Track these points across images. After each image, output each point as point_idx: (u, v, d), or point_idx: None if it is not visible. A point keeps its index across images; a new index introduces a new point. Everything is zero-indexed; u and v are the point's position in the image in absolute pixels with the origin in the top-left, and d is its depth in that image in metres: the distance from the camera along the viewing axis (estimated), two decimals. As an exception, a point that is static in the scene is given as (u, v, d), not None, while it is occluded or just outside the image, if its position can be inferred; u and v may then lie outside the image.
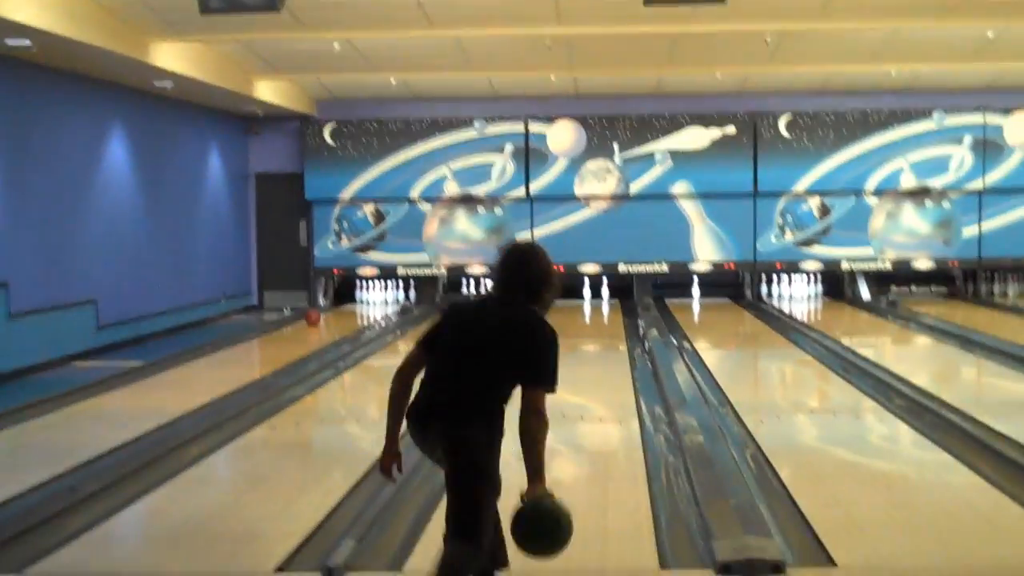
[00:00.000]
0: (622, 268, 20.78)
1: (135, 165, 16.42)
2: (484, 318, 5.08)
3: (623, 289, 20.96)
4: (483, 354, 4.97)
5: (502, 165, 20.53)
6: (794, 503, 6.96)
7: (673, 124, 20.44)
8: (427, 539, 6.27)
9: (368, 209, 20.77)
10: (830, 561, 5.87)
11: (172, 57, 14.71)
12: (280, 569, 5.88)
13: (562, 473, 8.24)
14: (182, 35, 14.34)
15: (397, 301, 21.06)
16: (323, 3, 13.22)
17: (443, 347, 5.06)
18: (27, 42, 12.05)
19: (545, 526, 4.90)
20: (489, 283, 20.99)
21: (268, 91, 18.55)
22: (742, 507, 6.69)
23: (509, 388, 5.01)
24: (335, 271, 21.00)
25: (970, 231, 20.55)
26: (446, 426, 4.90)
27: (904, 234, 20.61)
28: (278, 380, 12.37)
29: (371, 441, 9.20)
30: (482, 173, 20.58)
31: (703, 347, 14.98)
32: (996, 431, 8.88)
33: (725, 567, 5.58)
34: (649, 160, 20.46)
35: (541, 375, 4.97)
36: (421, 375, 5.13)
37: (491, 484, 5.03)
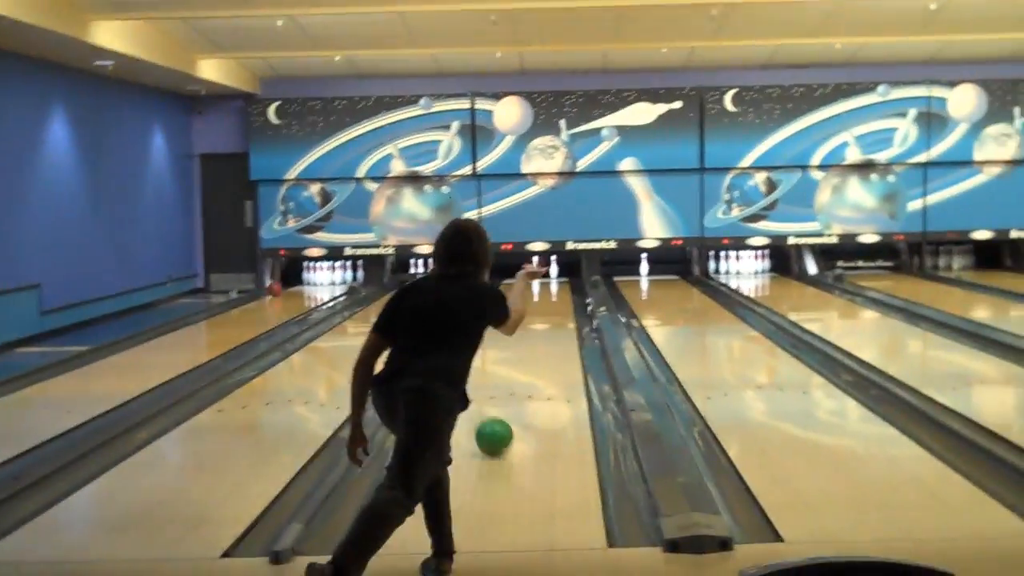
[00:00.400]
0: (570, 246, 20.79)
1: (77, 146, 16.24)
2: (442, 292, 5.41)
3: (571, 267, 20.98)
4: (448, 324, 5.33)
5: (448, 143, 20.48)
6: (742, 480, 6.99)
7: (620, 100, 20.45)
8: (376, 521, 6.25)
9: (314, 189, 20.66)
10: (777, 537, 5.90)
11: (113, 35, 14.56)
12: (227, 554, 5.85)
13: (511, 453, 8.25)
14: (123, 13, 14.20)
15: (345, 281, 20.98)
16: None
17: (405, 330, 5.35)
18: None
19: None
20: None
21: (211, 70, 18.40)
22: (690, 484, 6.72)
23: (473, 352, 5.42)
24: (281, 252, 20.88)
25: (915, 205, 20.70)
26: (416, 381, 5.19)
27: (850, 208, 20.73)
28: (226, 363, 12.30)
29: (320, 423, 9.18)
30: (428, 151, 20.52)
31: (651, 324, 15.02)
32: (941, 404, 8.96)
33: (673, 544, 5.59)
34: (596, 136, 20.47)
35: (506, 309, 5.53)
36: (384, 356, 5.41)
37: (437, 448, 5.26)
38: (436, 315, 5.34)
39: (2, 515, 6.68)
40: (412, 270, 21.20)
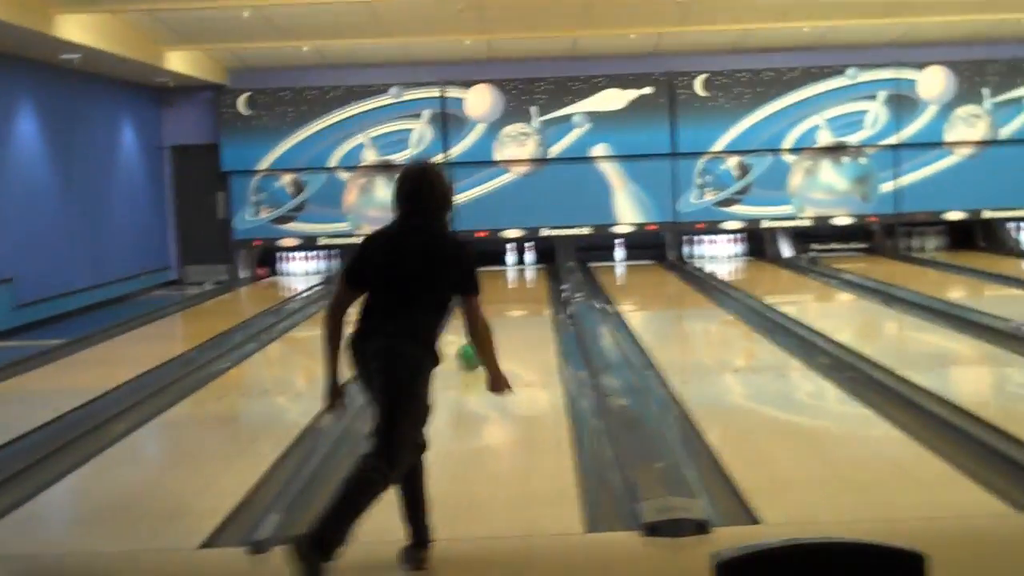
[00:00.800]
0: (544, 232, 20.80)
1: (46, 141, 16.16)
2: (409, 246, 5.27)
3: (546, 253, 20.98)
4: (418, 281, 5.22)
5: (420, 131, 20.46)
6: (719, 463, 7.01)
7: (590, 86, 20.46)
8: (354, 510, 6.25)
9: (286, 179, 20.61)
10: (755, 519, 5.91)
11: (78, 28, 14.48)
12: (205, 545, 5.83)
13: (488, 438, 8.26)
14: (88, 6, 14.12)
15: (319, 271, 20.94)
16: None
17: (376, 280, 5.26)
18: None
19: None
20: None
21: (179, 61, 18.33)
22: (667, 469, 6.73)
23: (444, 310, 5.32)
24: (255, 243, 20.82)
25: (887, 186, 20.77)
26: (384, 342, 5.13)
27: (823, 191, 20.80)
28: (202, 354, 12.27)
29: (297, 413, 9.16)
30: (400, 140, 20.49)
31: (627, 309, 15.03)
32: (917, 385, 9.00)
33: (651, 528, 5.60)
34: (567, 123, 20.47)
35: (475, 284, 5.36)
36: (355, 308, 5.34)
37: (415, 410, 5.21)
38: (402, 272, 5.22)
39: (-22, 511, 6.66)
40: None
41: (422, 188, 5.32)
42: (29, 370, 11.76)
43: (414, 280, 5.22)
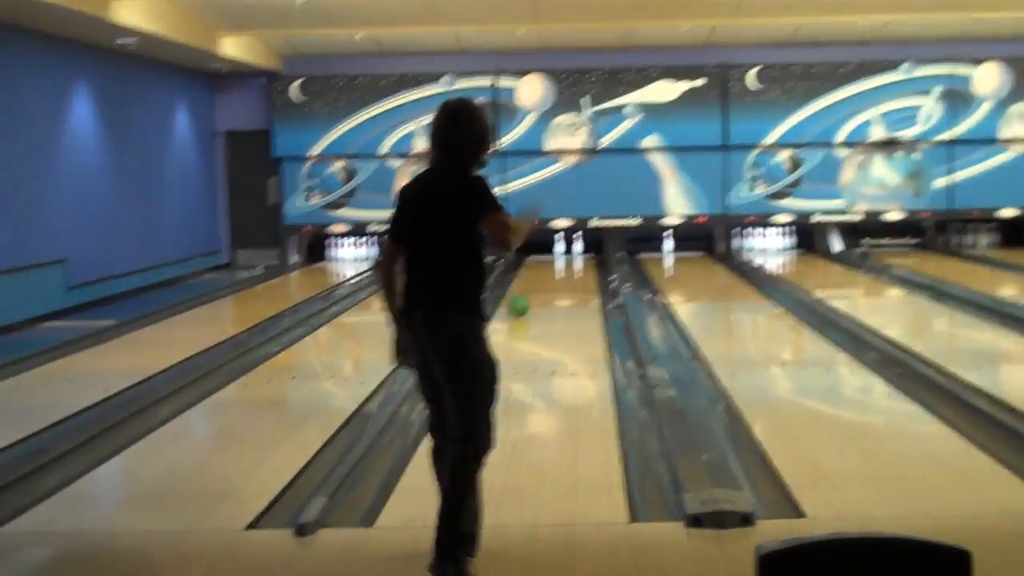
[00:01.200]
0: (594, 223, 20.77)
1: (101, 124, 16.30)
2: (437, 193, 5.10)
3: (595, 244, 20.95)
4: (446, 229, 5.05)
5: (472, 120, 20.42)
6: (765, 456, 6.99)
7: (642, 77, 20.41)
8: (399, 495, 6.29)
9: (337, 166, 20.69)
10: (799, 513, 5.90)
11: (134, 13, 14.59)
12: (251, 527, 5.88)
13: (535, 427, 8.28)
14: (145, -9, 14.23)
15: (369, 257, 21.01)
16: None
17: (409, 232, 5.12)
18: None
19: None
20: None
21: (233, 47, 18.42)
22: (713, 461, 6.72)
23: (479, 256, 5.13)
24: (306, 228, 20.92)
25: (940, 182, 20.61)
26: (428, 315, 5.02)
27: (875, 186, 20.66)
28: (251, 338, 12.35)
29: (345, 397, 9.21)
30: (452, 128, 20.46)
31: (675, 301, 15.01)
32: (966, 381, 8.94)
33: (694, 519, 5.60)
34: (619, 114, 20.43)
35: (492, 203, 5.09)
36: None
37: (483, 377, 5.05)
38: (431, 223, 5.07)
39: (28, 488, 6.74)
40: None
41: (458, 122, 5.15)
42: (80, 350, 11.88)
43: (443, 229, 5.06)
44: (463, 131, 5.12)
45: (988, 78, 20.34)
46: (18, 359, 11.09)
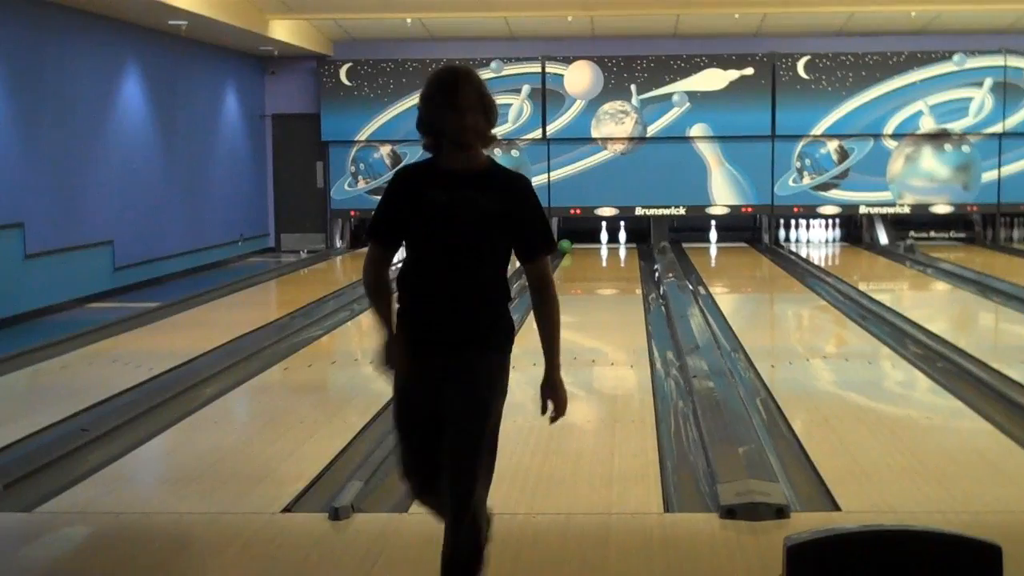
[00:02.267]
0: (639, 211, 20.73)
1: (150, 105, 16.40)
2: (455, 185, 4.19)
3: (640, 232, 20.91)
4: (471, 234, 4.18)
5: (519, 106, 20.46)
6: (803, 449, 6.97)
7: (691, 65, 20.33)
8: (435, 481, 6.31)
9: (385, 151, 20.74)
10: (835, 506, 5.88)
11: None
12: (287, 510, 5.92)
13: (572, 416, 8.26)
14: (197, -26, 14.30)
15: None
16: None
17: (414, 237, 4.25)
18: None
19: None
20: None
21: (284, 30, 18.49)
22: (750, 453, 6.70)
23: (504, 269, 4.31)
24: (352, 213, 20.97)
25: (989, 175, 20.43)
26: (453, 349, 4.22)
27: (923, 178, 20.50)
28: (294, 321, 12.42)
29: (384, 383, 9.21)
30: (499, 114, 20.46)
31: (718, 291, 14.96)
32: (1009, 378, 8.87)
33: (729, 511, 5.59)
34: (667, 102, 20.37)
35: (542, 237, 4.31)
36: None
37: (494, 444, 4.26)
38: (458, 227, 4.17)
39: (70, 466, 6.82)
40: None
41: (481, 91, 4.25)
42: (125, 331, 11.97)
43: (479, 238, 4.19)
44: (477, 99, 4.21)
45: (1041, 71, 20.14)
46: (64, 339, 11.20)
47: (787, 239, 21.06)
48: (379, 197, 4.37)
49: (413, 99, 20.12)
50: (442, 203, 4.19)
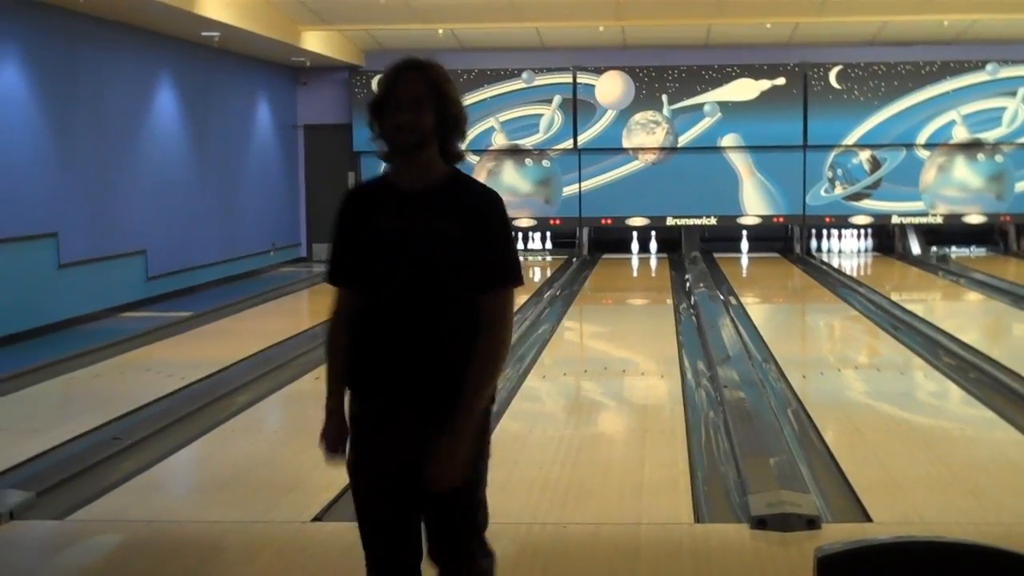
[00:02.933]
0: (670, 221, 20.70)
1: (183, 115, 16.49)
2: (406, 206, 3.53)
3: (671, 242, 20.87)
4: (430, 264, 3.50)
5: (550, 116, 20.48)
6: (834, 459, 6.95)
7: (722, 75, 20.30)
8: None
9: (416, 160, 20.75)
10: (867, 517, 5.86)
11: (220, 7, 14.74)
12: (318, 519, 5.93)
13: (603, 425, 8.28)
14: (229, -15, 14.37)
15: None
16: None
17: (363, 268, 3.59)
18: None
19: None
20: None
21: (316, 41, 18.56)
22: (781, 463, 6.68)
23: (468, 305, 3.51)
24: (383, 222, 20.98)
25: (1022, 185, 20.30)
26: (416, 423, 3.51)
27: (956, 188, 20.40)
28: (326, 331, 12.42)
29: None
30: (530, 124, 20.53)
31: (750, 302, 14.92)
32: (1042, 389, 8.82)
33: (760, 521, 5.58)
34: (698, 112, 20.34)
35: (502, 265, 3.56)
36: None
37: (482, 516, 3.67)
38: (400, 255, 3.52)
39: (102, 474, 6.85)
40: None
41: (444, 91, 3.59)
42: (157, 340, 12.04)
43: (422, 269, 3.50)
44: (441, 98, 3.58)
45: (1075, 80, 20.03)
46: (98, 348, 11.27)
47: (819, 249, 20.98)
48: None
49: (444, 109, 20.35)
50: (390, 231, 3.50)
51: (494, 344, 3.51)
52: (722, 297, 14.71)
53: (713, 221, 20.66)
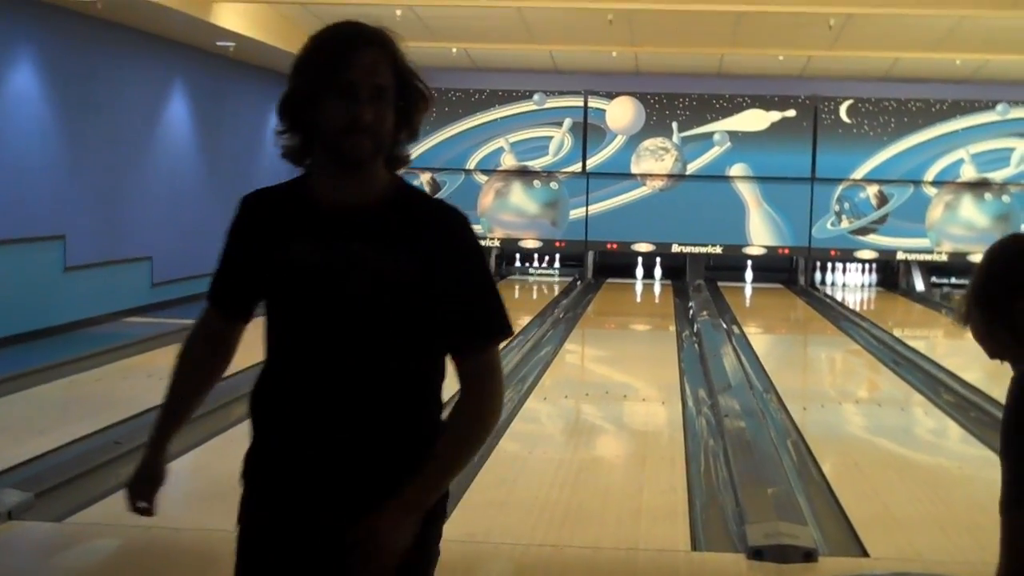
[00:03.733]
0: (675, 248, 20.71)
1: (195, 124, 16.53)
2: (335, 229, 2.60)
3: (676, 269, 20.88)
4: (358, 311, 2.56)
5: (560, 139, 20.52)
6: (833, 493, 6.96)
7: (733, 105, 20.35)
8: (463, 508, 6.32)
9: (424, 178, 20.79)
10: (864, 552, 5.86)
11: (235, 17, 14.80)
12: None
13: (603, 450, 8.29)
14: (245, -3, 14.43)
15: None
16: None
17: (276, 320, 2.75)
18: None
19: None
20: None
21: (330, 56, 18.59)
22: (779, 494, 6.69)
23: (429, 362, 2.64)
24: (390, 238, 20.94)
25: (1029, 226, 20.36)
26: (332, 512, 2.63)
27: (962, 226, 20.42)
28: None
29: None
30: (540, 146, 20.57)
31: (752, 332, 14.94)
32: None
33: (756, 552, 5.58)
34: (707, 140, 20.38)
35: (485, 315, 2.61)
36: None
37: None
38: (337, 295, 2.59)
39: (101, 478, 6.86)
40: (517, 263, 21.19)
41: (359, 57, 2.60)
42: (161, 346, 12.02)
43: (359, 320, 2.57)
44: (412, 88, 2.69)
45: (1085, 124, 20.06)
46: (101, 352, 11.28)
47: (823, 282, 20.98)
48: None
49: (455, 128, 20.43)
50: (308, 265, 2.56)
51: (478, 417, 2.58)
52: (725, 326, 14.72)
53: (719, 250, 20.67)
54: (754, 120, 20.33)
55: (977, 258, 12.30)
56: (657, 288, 20.40)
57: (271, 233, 2.66)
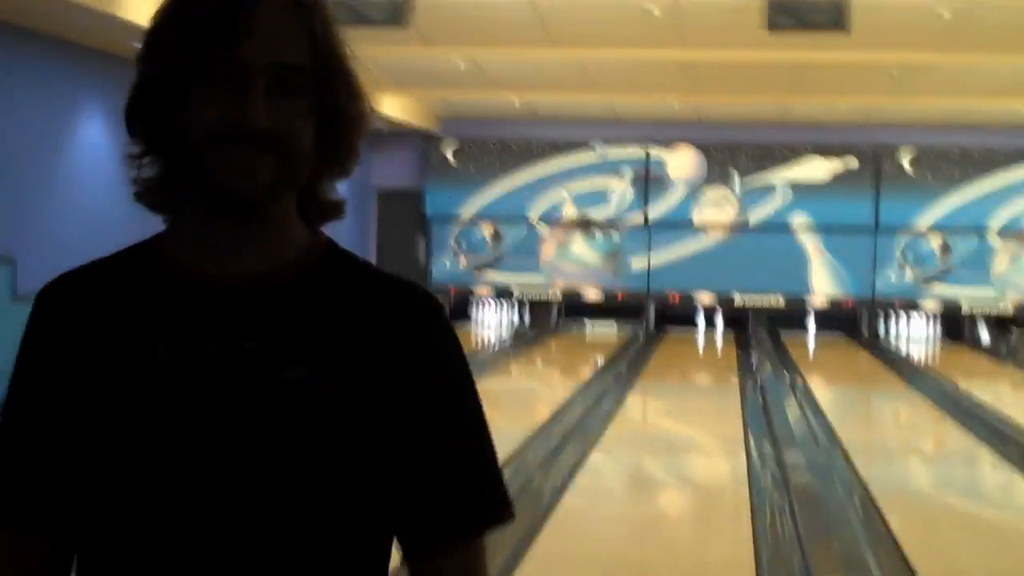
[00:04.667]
0: (737, 299, 20.63)
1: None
2: (211, 316, 1.52)
3: (738, 320, 20.78)
4: (263, 445, 1.47)
5: (621, 190, 20.54)
6: (900, 550, 6.89)
7: (794, 154, 20.30)
8: (529, 562, 6.32)
9: (486, 229, 20.87)
10: (933, 610, 5.81)
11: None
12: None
13: (666, 504, 8.26)
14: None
15: (512, 323, 21.06)
16: (448, 20, 13.37)
17: (107, 483, 1.49)
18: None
19: None
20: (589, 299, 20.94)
21: (393, 106, 18.76)
22: (846, 550, 6.65)
23: (367, 549, 1.58)
24: (452, 290, 20.98)
25: (1096, 276, 20.12)
26: None
27: (1027, 277, 20.21)
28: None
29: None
30: (600, 197, 20.59)
31: (816, 384, 14.83)
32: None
33: (825, 610, 5.55)
34: (769, 190, 20.34)
35: (481, 481, 1.71)
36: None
37: None
38: (214, 429, 1.47)
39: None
40: (579, 315, 21.12)
41: (306, 50, 1.55)
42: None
43: (262, 452, 1.47)
44: (356, 95, 1.65)
45: None
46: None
47: (887, 333, 20.81)
48: (481, 275, 2.08)
49: (516, 178, 20.51)
50: (170, 385, 1.48)
51: None
52: (788, 377, 14.64)
53: (781, 300, 20.56)
54: (815, 169, 20.27)
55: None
56: (719, 339, 20.32)
57: (104, 337, 1.52)
